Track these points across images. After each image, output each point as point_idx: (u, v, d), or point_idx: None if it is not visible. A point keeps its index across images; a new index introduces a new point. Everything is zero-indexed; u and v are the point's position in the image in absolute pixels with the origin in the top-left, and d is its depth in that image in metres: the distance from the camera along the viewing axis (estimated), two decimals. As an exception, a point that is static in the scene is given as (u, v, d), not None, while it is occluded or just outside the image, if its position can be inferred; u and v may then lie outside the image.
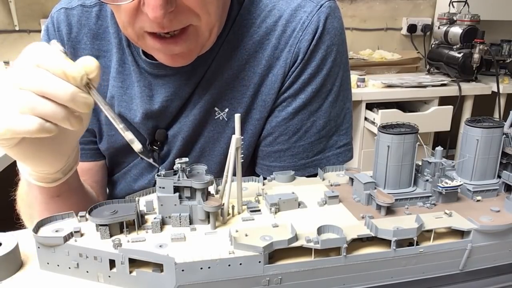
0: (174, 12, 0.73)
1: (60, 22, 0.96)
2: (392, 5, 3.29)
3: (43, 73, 0.61)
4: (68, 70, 0.60)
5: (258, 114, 0.94)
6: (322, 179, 0.78)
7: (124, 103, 0.96)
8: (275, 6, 0.91)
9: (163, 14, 0.70)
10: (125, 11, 0.75)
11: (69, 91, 0.60)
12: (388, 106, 2.56)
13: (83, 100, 0.62)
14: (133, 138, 0.65)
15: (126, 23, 0.78)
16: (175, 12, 0.73)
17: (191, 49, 0.82)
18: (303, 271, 0.57)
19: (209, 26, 0.80)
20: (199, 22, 0.78)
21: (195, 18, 0.77)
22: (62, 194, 0.81)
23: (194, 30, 0.79)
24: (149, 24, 0.75)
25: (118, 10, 0.78)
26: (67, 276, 0.58)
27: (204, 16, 0.77)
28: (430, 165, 0.72)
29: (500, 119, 0.71)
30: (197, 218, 0.62)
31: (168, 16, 0.72)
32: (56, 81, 0.60)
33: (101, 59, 0.96)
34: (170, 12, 0.72)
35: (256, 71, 0.91)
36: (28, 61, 0.62)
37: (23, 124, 0.61)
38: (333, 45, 0.91)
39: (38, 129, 0.62)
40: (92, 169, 1.05)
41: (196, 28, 0.79)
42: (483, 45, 2.64)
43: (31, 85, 0.61)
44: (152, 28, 0.76)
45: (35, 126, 0.61)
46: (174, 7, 0.72)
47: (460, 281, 0.64)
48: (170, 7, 0.71)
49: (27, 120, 0.61)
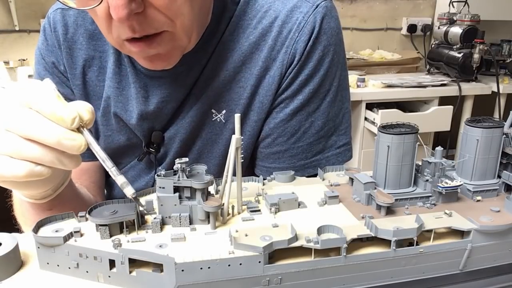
0: (144, 14, 0.71)
1: (56, 22, 0.96)
2: (392, 5, 3.29)
3: (31, 115, 0.59)
4: (58, 112, 0.58)
5: (256, 115, 0.93)
6: (322, 179, 0.78)
7: (120, 104, 0.95)
8: (271, 7, 0.91)
9: (126, 14, 0.68)
10: (100, 18, 0.74)
11: (55, 135, 0.58)
12: (388, 106, 2.56)
13: (70, 143, 0.59)
14: (125, 181, 0.61)
15: (105, 31, 0.77)
16: (144, 14, 0.72)
17: (168, 51, 0.80)
18: (303, 271, 0.57)
19: (185, 30, 0.78)
20: (174, 28, 0.76)
21: (168, 23, 0.75)
22: (55, 207, 0.80)
23: (169, 35, 0.77)
24: (123, 30, 0.73)
25: (96, 18, 0.77)
26: (67, 276, 0.58)
27: (177, 19, 0.75)
28: (430, 165, 0.72)
29: (500, 119, 0.71)
30: (197, 218, 0.62)
31: (137, 18, 0.71)
32: (43, 124, 0.59)
33: (97, 59, 0.96)
34: (139, 14, 0.70)
35: (253, 72, 0.91)
36: (19, 101, 0.60)
37: (11, 169, 0.60)
38: (330, 45, 0.91)
39: (27, 174, 0.60)
40: (89, 169, 1.05)
41: (172, 33, 0.77)
42: (483, 45, 2.65)
43: (17, 128, 0.59)
44: (126, 34, 0.74)
45: (23, 171, 0.60)
46: (141, 8, 0.70)
47: (460, 281, 0.64)
48: (136, 7, 0.69)
49: (15, 166, 0.60)
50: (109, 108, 0.96)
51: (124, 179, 0.61)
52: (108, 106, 0.96)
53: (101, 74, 0.96)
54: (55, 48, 0.97)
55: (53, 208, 0.79)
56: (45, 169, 0.62)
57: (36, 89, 0.61)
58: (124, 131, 0.98)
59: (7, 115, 0.60)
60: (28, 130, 0.59)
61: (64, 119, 0.59)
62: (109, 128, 0.99)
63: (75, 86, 0.98)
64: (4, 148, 0.60)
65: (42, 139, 0.59)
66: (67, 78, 0.98)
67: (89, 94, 0.98)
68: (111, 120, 0.98)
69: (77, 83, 0.97)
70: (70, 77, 0.97)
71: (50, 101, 0.59)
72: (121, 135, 0.99)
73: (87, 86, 0.98)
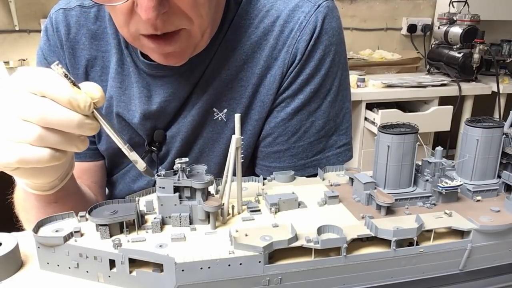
0: (167, 13, 0.73)
1: (58, 22, 0.96)
2: (392, 5, 3.29)
3: (49, 105, 0.61)
4: (74, 102, 0.60)
5: (257, 114, 0.94)
6: (322, 179, 0.78)
7: (122, 103, 0.96)
8: (272, 7, 0.91)
9: (155, 16, 0.70)
10: (120, 12, 0.75)
11: (75, 121, 0.61)
12: (388, 106, 2.56)
13: (89, 127, 0.62)
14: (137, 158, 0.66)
15: (122, 24, 0.78)
16: (168, 14, 0.73)
17: (183, 49, 0.82)
18: (303, 271, 0.57)
19: (201, 28, 0.80)
20: (192, 26, 0.78)
21: (187, 21, 0.77)
22: (60, 200, 0.81)
23: (187, 33, 0.79)
24: (143, 26, 0.75)
25: (113, 11, 0.78)
26: (67, 276, 0.58)
27: (196, 19, 0.77)
28: (430, 165, 0.72)
29: (500, 119, 0.71)
30: (197, 218, 0.62)
31: (161, 17, 0.72)
32: (62, 112, 0.61)
33: (99, 59, 0.96)
34: (163, 13, 0.72)
35: (254, 71, 0.91)
36: (30, 89, 0.61)
37: (35, 155, 0.62)
38: (331, 45, 0.91)
39: (49, 159, 0.63)
40: (91, 169, 1.05)
41: (189, 31, 0.79)
42: (483, 45, 2.65)
43: (36, 117, 0.61)
44: (147, 30, 0.75)
45: (46, 157, 0.63)
46: (167, 8, 0.72)
47: (460, 281, 0.64)
48: (162, 9, 0.71)
49: (39, 152, 0.62)
50: (111, 108, 0.97)
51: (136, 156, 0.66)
52: (111, 106, 0.97)
53: (103, 74, 0.96)
54: (57, 48, 0.97)
55: (58, 200, 0.81)
56: (63, 154, 0.65)
57: (49, 76, 0.62)
58: (126, 131, 0.99)
59: (21, 104, 0.61)
60: (50, 120, 0.61)
61: (80, 106, 0.61)
62: None
63: None
64: (25, 136, 0.62)
65: (63, 125, 0.61)
66: None
67: None
68: (113, 119, 0.98)
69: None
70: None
71: (64, 90, 0.60)
72: (124, 134, 0.99)
73: None
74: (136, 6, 0.72)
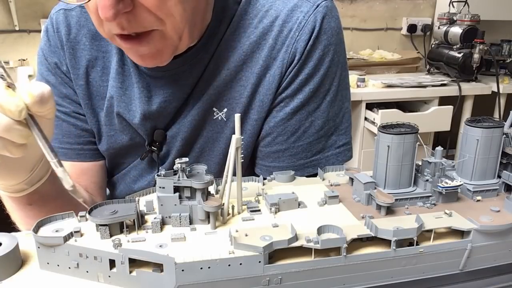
0: (133, 13, 0.72)
1: (59, 23, 0.97)
2: (392, 5, 3.29)
3: None
4: (6, 103, 0.58)
5: (256, 114, 0.94)
6: (322, 179, 0.78)
7: (123, 103, 0.96)
8: (272, 6, 0.91)
9: (113, 14, 0.69)
10: (92, 12, 0.75)
11: (2, 125, 0.59)
12: (388, 106, 2.56)
13: (18, 133, 0.60)
14: (64, 175, 0.61)
15: (97, 24, 0.78)
16: (134, 13, 0.72)
17: (159, 50, 0.80)
18: (303, 271, 0.57)
19: (176, 29, 0.78)
20: (163, 26, 0.76)
21: (157, 22, 0.75)
22: (35, 203, 0.80)
23: (159, 34, 0.78)
24: (113, 26, 0.74)
25: (89, 12, 0.78)
26: (67, 276, 0.58)
27: (167, 20, 0.75)
28: (430, 165, 0.72)
29: (500, 119, 0.71)
30: (197, 218, 0.62)
31: (126, 16, 0.71)
32: None
33: (100, 60, 0.96)
34: (128, 12, 0.71)
35: (254, 71, 0.91)
36: None
37: None
38: (330, 45, 0.91)
39: None
40: (91, 169, 1.05)
41: (162, 32, 0.78)
42: (483, 45, 2.64)
43: None
44: (115, 30, 0.75)
45: None
46: (130, 8, 0.71)
47: (460, 281, 0.64)
48: (123, 8, 0.70)
49: None
50: (112, 108, 0.97)
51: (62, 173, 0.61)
52: (111, 106, 0.97)
53: (104, 74, 0.97)
54: (58, 48, 0.97)
55: (32, 203, 0.81)
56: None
57: None
58: (127, 131, 0.99)
59: None
60: None
61: (11, 110, 0.58)
62: (112, 128, 0.99)
63: (78, 87, 0.98)
64: None
65: None
66: (70, 78, 0.98)
67: (93, 94, 0.98)
68: (114, 120, 0.98)
69: (80, 83, 0.97)
70: (73, 77, 0.97)
71: None
72: (124, 134, 0.99)
73: (90, 86, 0.98)
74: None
